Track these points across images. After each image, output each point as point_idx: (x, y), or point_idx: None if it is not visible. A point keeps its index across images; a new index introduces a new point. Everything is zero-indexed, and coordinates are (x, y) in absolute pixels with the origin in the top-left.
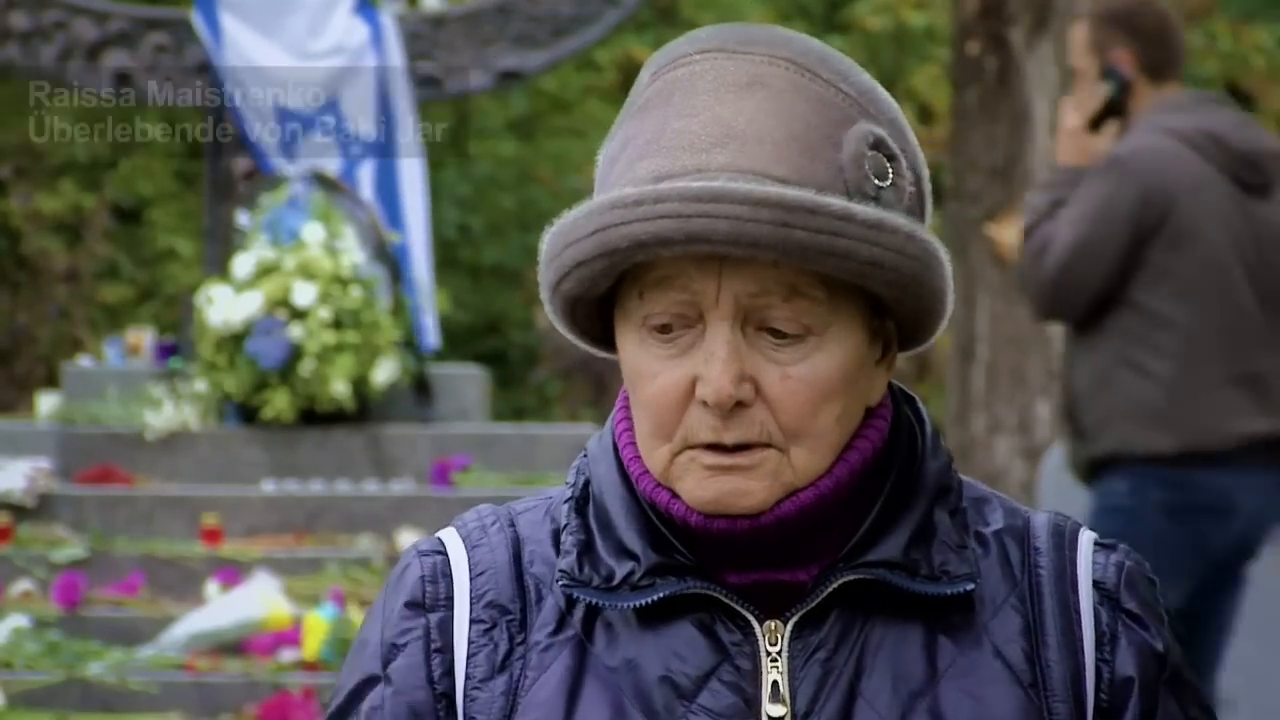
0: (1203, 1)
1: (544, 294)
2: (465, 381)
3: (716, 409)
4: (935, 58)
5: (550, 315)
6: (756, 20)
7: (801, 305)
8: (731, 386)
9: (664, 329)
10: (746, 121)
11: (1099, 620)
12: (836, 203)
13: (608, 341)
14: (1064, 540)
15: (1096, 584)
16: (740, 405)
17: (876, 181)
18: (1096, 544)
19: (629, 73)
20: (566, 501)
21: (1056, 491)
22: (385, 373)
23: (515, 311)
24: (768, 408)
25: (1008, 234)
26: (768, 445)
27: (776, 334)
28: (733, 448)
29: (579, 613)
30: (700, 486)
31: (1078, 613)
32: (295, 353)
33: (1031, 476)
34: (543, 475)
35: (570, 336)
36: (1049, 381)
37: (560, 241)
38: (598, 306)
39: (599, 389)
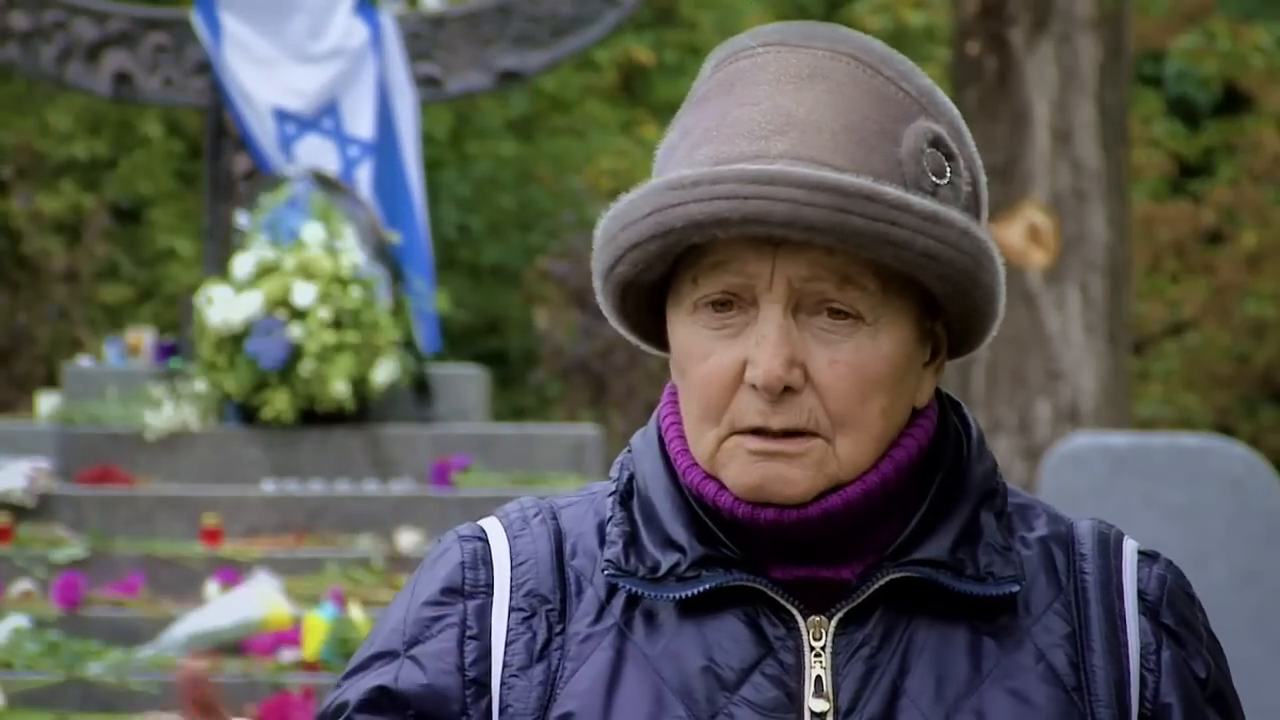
0: (1202, 1)
1: (596, 281)
2: (465, 382)
3: (765, 392)
4: (935, 58)
5: (601, 303)
6: (754, 20)
7: (853, 294)
8: (781, 369)
9: (721, 306)
10: (806, 111)
11: (1143, 630)
12: (893, 192)
13: (655, 338)
14: (1109, 547)
15: (1140, 594)
16: (789, 390)
17: (934, 178)
18: (1140, 553)
19: (629, 73)
20: (610, 495)
21: (1057, 492)
22: (385, 373)
23: (515, 311)
24: (816, 395)
25: (1008, 234)
26: (814, 434)
27: (831, 314)
28: (779, 433)
29: (619, 603)
30: (745, 472)
31: (1123, 619)
32: (295, 353)
33: (1031, 476)
34: (542, 475)
35: (620, 328)
36: (1049, 381)
37: (616, 224)
38: (648, 297)
39: (598, 389)
